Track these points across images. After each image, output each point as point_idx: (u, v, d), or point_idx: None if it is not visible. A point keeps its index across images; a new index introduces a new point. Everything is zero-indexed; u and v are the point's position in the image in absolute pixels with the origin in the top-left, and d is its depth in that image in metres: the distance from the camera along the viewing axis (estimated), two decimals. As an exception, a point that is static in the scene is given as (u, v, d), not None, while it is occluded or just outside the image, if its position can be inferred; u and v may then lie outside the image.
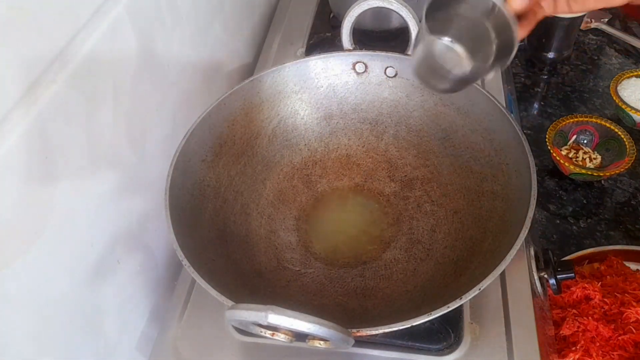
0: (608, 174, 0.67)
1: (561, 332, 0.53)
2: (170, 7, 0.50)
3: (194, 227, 0.43)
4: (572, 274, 0.46)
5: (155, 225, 0.51)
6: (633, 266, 0.61)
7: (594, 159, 0.71)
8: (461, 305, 0.34)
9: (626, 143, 0.69)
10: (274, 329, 0.30)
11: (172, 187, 0.42)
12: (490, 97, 0.46)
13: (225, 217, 0.48)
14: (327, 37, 0.75)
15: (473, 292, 0.33)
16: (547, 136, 0.71)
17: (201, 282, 0.35)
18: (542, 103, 0.84)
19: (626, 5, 0.34)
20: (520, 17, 0.35)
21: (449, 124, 0.51)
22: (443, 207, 0.50)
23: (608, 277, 0.58)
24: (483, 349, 0.42)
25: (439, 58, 0.35)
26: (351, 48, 0.52)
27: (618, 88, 0.77)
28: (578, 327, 0.53)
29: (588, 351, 0.51)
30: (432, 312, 0.33)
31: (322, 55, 0.52)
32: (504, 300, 0.45)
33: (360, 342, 0.43)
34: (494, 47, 0.35)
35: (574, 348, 0.51)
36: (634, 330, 0.52)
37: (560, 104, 0.83)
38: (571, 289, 0.56)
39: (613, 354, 0.51)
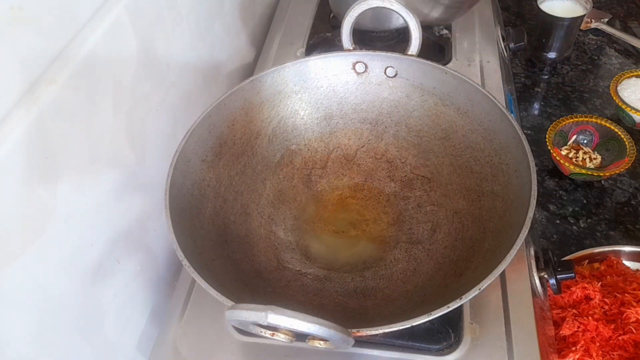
0: (608, 174, 0.67)
1: (561, 332, 0.53)
2: (170, 7, 0.50)
3: (194, 227, 0.43)
4: (572, 274, 0.46)
5: (155, 225, 0.51)
6: (633, 266, 0.61)
7: (594, 159, 0.71)
8: (461, 305, 0.34)
9: (626, 143, 0.69)
10: (274, 329, 0.30)
11: (172, 187, 0.42)
12: (490, 97, 0.46)
13: (225, 217, 0.48)
14: (327, 37, 0.75)
15: (473, 292, 0.33)
16: (547, 136, 0.71)
17: (201, 282, 0.35)
18: (542, 103, 0.84)
19: None
20: None
21: (449, 124, 0.51)
22: (443, 207, 0.50)
23: (608, 277, 0.58)
24: (483, 349, 0.42)
25: None
26: (351, 48, 0.52)
27: (618, 88, 0.77)
28: (578, 327, 0.53)
29: (588, 351, 0.51)
30: (432, 312, 0.33)
31: (322, 55, 0.52)
32: (504, 300, 0.45)
33: (360, 342, 0.43)
34: None
35: (574, 348, 0.51)
36: (634, 330, 0.52)
37: (560, 104, 0.83)
38: (571, 289, 0.56)
39: (613, 354, 0.51)
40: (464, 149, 0.49)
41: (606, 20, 0.95)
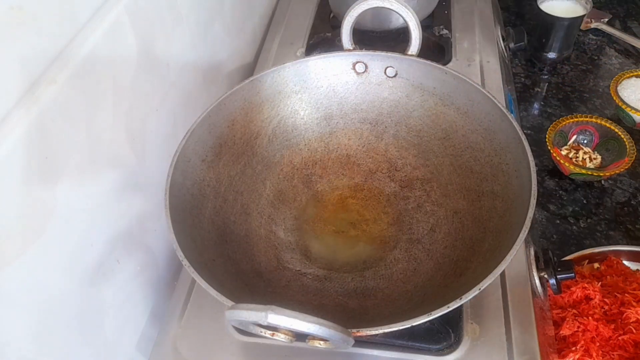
0: (608, 174, 0.67)
1: (561, 332, 0.53)
2: (170, 7, 0.50)
3: (194, 227, 0.43)
4: (572, 274, 0.46)
5: (155, 225, 0.51)
6: (633, 266, 0.61)
7: (594, 159, 0.71)
8: (461, 305, 0.34)
9: (626, 143, 0.69)
10: (274, 329, 0.30)
11: (172, 187, 0.42)
12: (490, 97, 0.46)
13: (225, 217, 0.48)
14: (327, 37, 0.75)
15: (473, 292, 0.33)
16: (547, 136, 0.71)
17: (201, 282, 0.35)
18: (542, 103, 0.84)
19: None
20: None
21: (449, 124, 0.51)
22: (443, 207, 0.50)
23: (608, 277, 0.58)
24: (483, 349, 0.42)
25: None
26: (351, 48, 0.52)
27: (618, 88, 0.77)
28: (578, 327, 0.53)
29: (588, 351, 0.51)
30: (432, 312, 0.33)
31: (322, 55, 0.52)
32: (504, 300, 0.45)
33: (360, 342, 0.43)
34: None
35: (574, 348, 0.51)
36: (634, 330, 0.52)
37: (560, 104, 0.83)
38: (571, 289, 0.56)
39: (613, 354, 0.51)
40: (464, 149, 0.49)
41: (606, 20, 0.95)
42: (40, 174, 0.34)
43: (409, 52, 0.50)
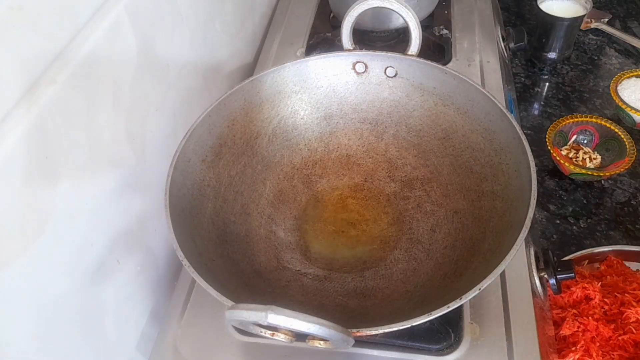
0: (608, 174, 0.67)
1: (561, 332, 0.53)
2: (170, 7, 0.50)
3: (194, 227, 0.43)
4: (572, 274, 0.46)
5: (155, 225, 0.51)
6: (633, 266, 0.61)
7: (594, 159, 0.71)
8: (461, 305, 0.34)
9: (626, 143, 0.69)
10: (274, 329, 0.30)
11: (172, 187, 0.42)
12: (490, 97, 0.46)
13: (225, 217, 0.48)
14: (327, 37, 0.75)
15: (473, 292, 0.33)
16: (547, 136, 0.71)
17: (201, 282, 0.35)
18: (542, 103, 0.84)
19: None
20: None
21: (449, 124, 0.51)
22: (443, 207, 0.50)
23: (608, 277, 0.58)
24: (483, 349, 0.42)
25: None
26: (351, 48, 0.52)
27: (618, 88, 0.77)
28: (578, 327, 0.53)
29: (588, 351, 0.51)
30: (432, 312, 0.33)
31: (322, 55, 0.52)
32: (504, 300, 0.45)
33: (360, 342, 0.43)
34: None
35: (574, 348, 0.51)
36: (634, 330, 0.52)
37: (560, 104, 0.83)
38: (571, 289, 0.56)
39: (613, 354, 0.51)
40: (464, 149, 0.49)
41: (606, 20, 0.95)
42: (40, 174, 0.34)
43: (409, 52, 0.50)
